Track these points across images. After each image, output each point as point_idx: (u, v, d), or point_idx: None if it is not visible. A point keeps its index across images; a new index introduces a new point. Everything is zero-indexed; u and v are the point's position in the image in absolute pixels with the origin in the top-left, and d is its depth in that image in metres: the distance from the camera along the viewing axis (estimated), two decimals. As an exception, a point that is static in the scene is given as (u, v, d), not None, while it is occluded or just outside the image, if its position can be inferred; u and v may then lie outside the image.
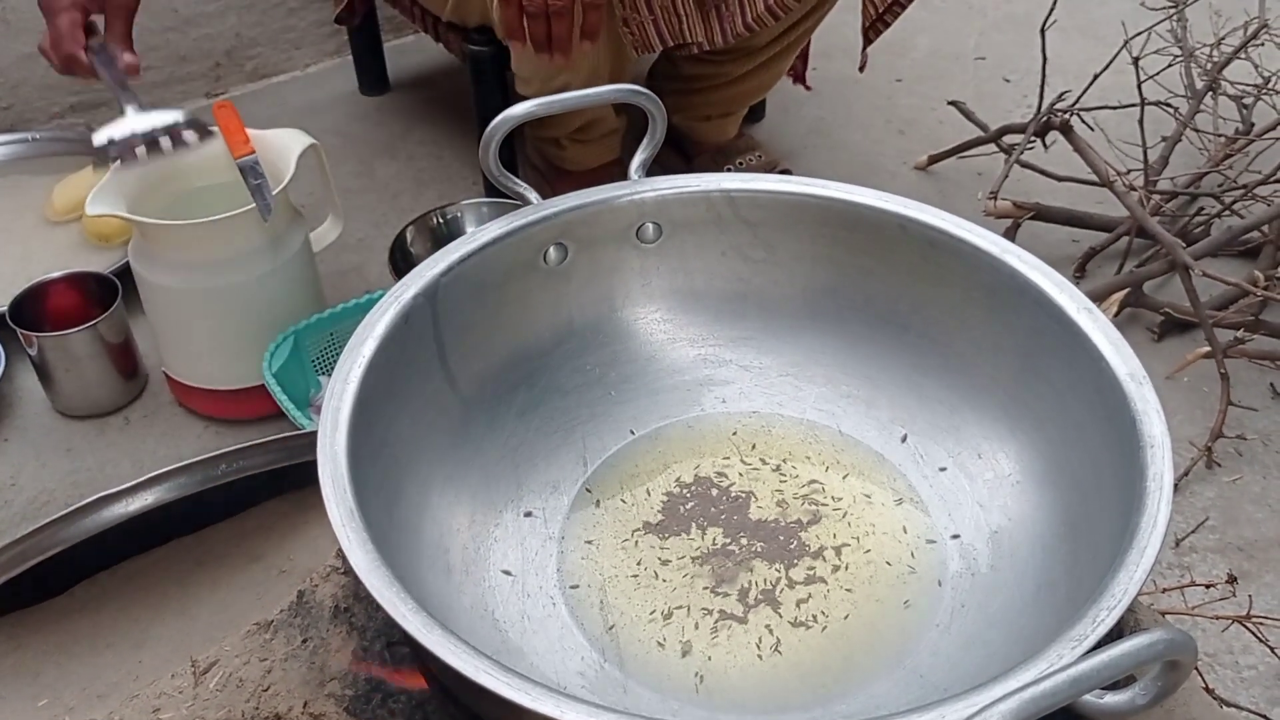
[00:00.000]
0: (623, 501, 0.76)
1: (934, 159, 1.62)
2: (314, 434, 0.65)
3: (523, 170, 1.52)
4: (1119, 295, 1.31)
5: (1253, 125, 1.54)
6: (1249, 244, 1.39)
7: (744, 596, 0.70)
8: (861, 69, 1.44)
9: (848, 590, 0.70)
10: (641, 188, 0.81)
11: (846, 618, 0.69)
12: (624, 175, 0.82)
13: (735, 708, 0.65)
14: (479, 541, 0.72)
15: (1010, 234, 1.40)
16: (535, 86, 1.25)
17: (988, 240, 0.75)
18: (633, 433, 0.81)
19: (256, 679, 0.67)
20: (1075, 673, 0.45)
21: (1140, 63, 1.47)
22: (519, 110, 0.76)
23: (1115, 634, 0.52)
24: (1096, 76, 1.46)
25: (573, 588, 0.71)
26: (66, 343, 1.18)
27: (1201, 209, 1.45)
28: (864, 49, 1.41)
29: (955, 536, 0.73)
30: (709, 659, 0.67)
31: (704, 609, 0.69)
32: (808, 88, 1.62)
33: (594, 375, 0.82)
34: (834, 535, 0.74)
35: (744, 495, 0.77)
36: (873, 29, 1.39)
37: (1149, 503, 0.58)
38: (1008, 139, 1.52)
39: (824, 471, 0.78)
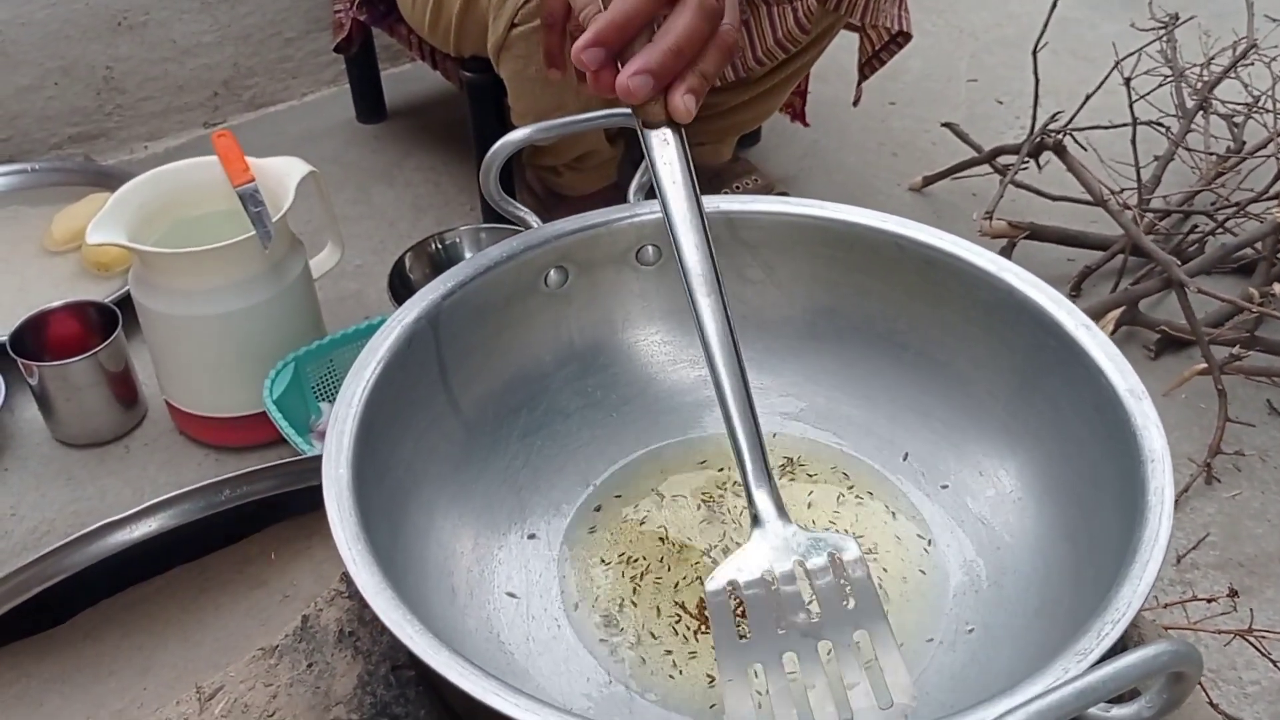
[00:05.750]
0: (626, 522, 0.76)
1: (928, 180, 1.63)
2: (317, 459, 0.65)
3: (520, 196, 1.53)
4: (1115, 313, 1.31)
5: (1244, 143, 1.56)
6: (1243, 261, 1.40)
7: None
8: (856, 103, 1.45)
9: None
10: (641, 210, 0.82)
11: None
12: (621, 200, 0.83)
13: (741, 727, 0.65)
14: (483, 564, 0.72)
15: (1006, 254, 1.41)
16: (530, 121, 1.25)
17: (985, 258, 0.76)
18: (635, 454, 0.81)
19: (262, 704, 0.67)
20: (1081, 685, 0.45)
21: (1131, 83, 1.49)
22: (518, 135, 0.77)
23: (1119, 648, 0.52)
24: (1088, 97, 1.47)
25: (577, 609, 0.71)
26: (67, 372, 1.18)
27: (1195, 227, 1.46)
28: (859, 84, 1.43)
29: (958, 553, 0.73)
30: (713, 677, 0.67)
31: (709, 629, 0.70)
32: (806, 124, 1.64)
33: (595, 397, 0.83)
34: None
35: (746, 516, 0.77)
36: (868, 65, 1.40)
37: (1150, 517, 0.59)
38: (1001, 160, 1.53)
39: (826, 491, 0.78)
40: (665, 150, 0.65)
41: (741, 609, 0.60)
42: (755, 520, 0.62)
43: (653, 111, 0.65)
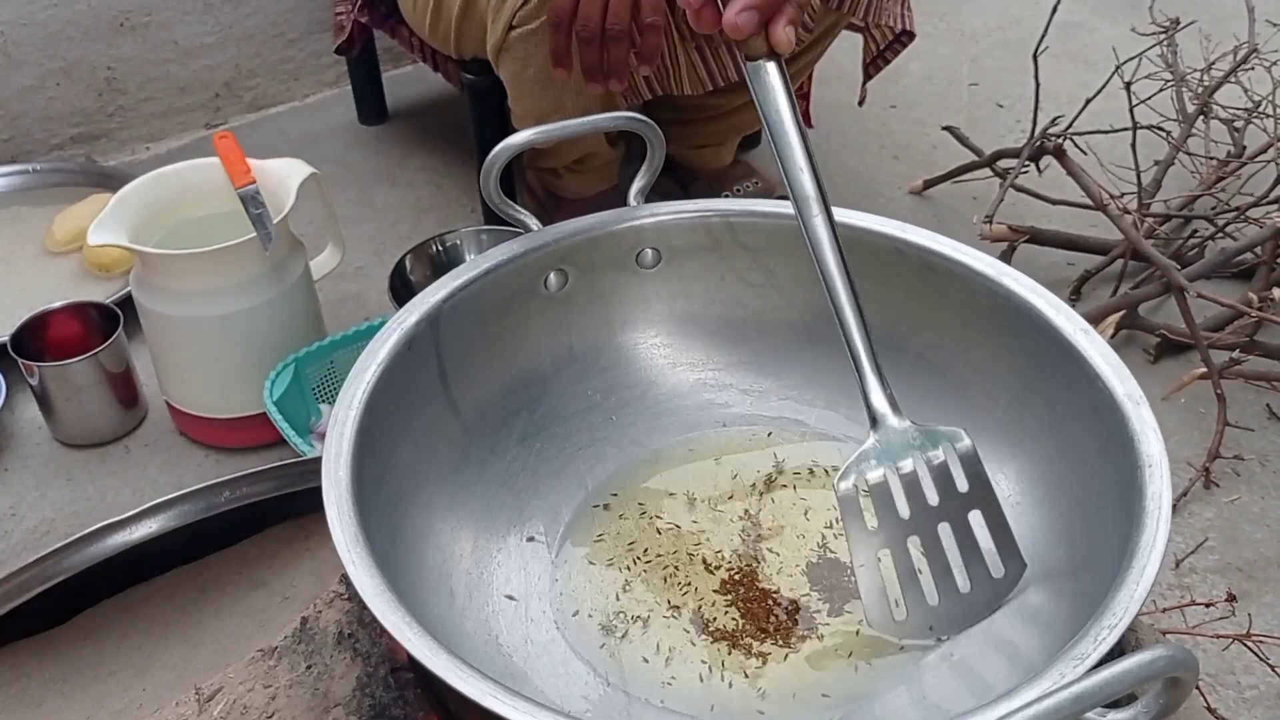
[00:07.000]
0: (624, 526, 0.77)
1: (929, 184, 1.63)
2: (317, 460, 0.65)
3: (521, 198, 1.53)
4: (1115, 317, 1.31)
5: (1244, 148, 1.55)
6: (1243, 265, 1.40)
7: (746, 615, 0.70)
8: (861, 103, 1.45)
9: (849, 612, 0.70)
10: (641, 214, 0.82)
11: (847, 637, 0.69)
12: (621, 202, 0.83)
13: (739, 730, 0.65)
14: (482, 566, 0.73)
15: (1006, 258, 1.41)
16: (530, 123, 1.26)
17: (984, 263, 0.76)
18: (634, 457, 0.81)
19: (261, 706, 0.67)
20: (1078, 690, 0.45)
21: (1132, 87, 1.49)
22: (519, 139, 0.77)
23: (1116, 653, 0.52)
24: (1089, 101, 1.47)
25: (575, 613, 0.71)
26: (67, 372, 1.19)
27: (1195, 231, 1.46)
28: (864, 84, 1.43)
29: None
30: (710, 675, 0.67)
31: (706, 631, 0.70)
32: (809, 125, 1.63)
33: (594, 400, 0.83)
34: (835, 555, 0.74)
35: (746, 518, 0.77)
36: (873, 65, 1.40)
37: (1148, 522, 0.59)
38: (1002, 163, 1.53)
39: (824, 497, 0.78)
40: (768, 79, 0.70)
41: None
42: (874, 421, 0.68)
43: (755, 45, 0.70)
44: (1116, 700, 0.48)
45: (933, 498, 0.67)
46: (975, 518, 0.67)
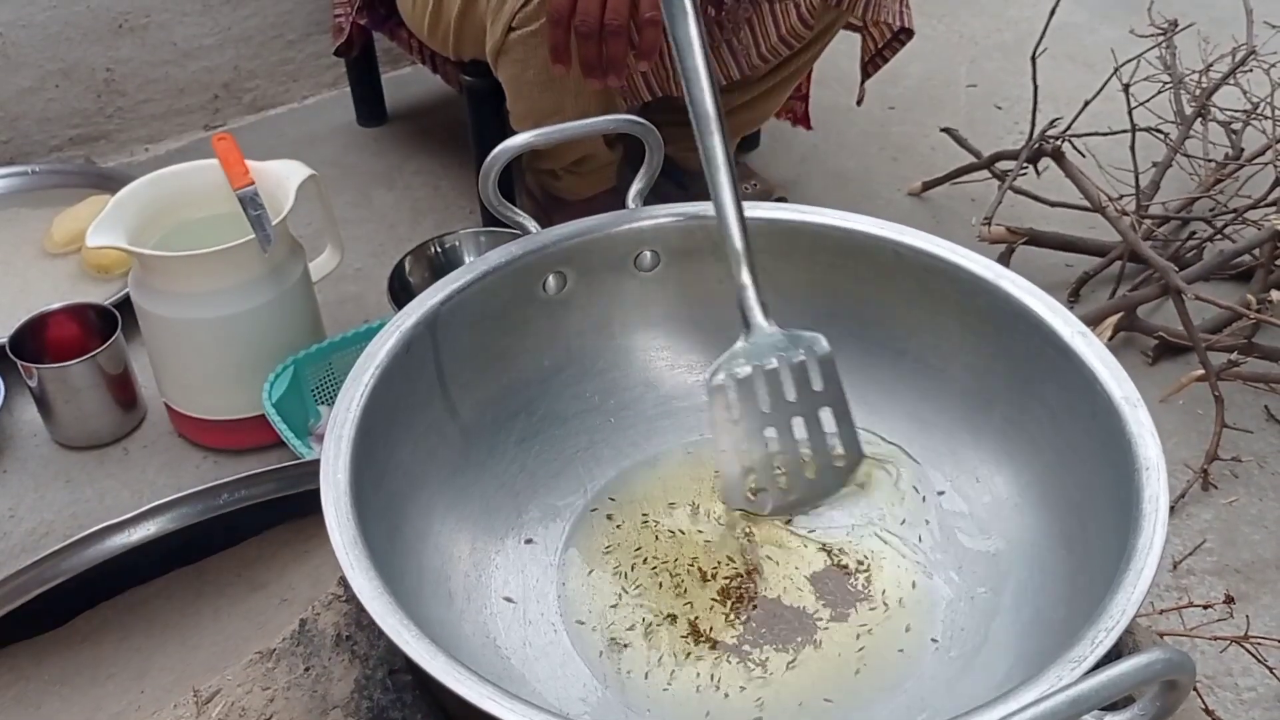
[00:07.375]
0: (623, 530, 0.77)
1: (927, 185, 1.63)
2: (315, 462, 0.65)
3: (520, 199, 1.53)
4: (1113, 319, 1.32)
5: (1242, 150, 1.56)
6: (1241, 267, 1.40)
7: (745, 622, 0.70)
8: (859, 103, 1.45)
9: (850, 618, 0.71)
10: (639, 216, 0.82)
11: (847, 643, 0.69)
12: (620, 203, 0.83)
13: (737, 733, 0.65)
14: (480, 569, 0.73)
15: (1004, 259, 1.41)
16: (529, 125, 1.26)
17: (982, 265, 0.76)
18: (632, 459, 0.81)
19: (259, 708, 0.67)
20: (1075, 693, 0.45)
21: (1130, 89, 1.49)
22: (517, 141, 0.77)
23: (1114, 655, 0.53)
24: (1087, 103, 1.48)
25: (576, 618, 0.71)
26: (66, 374, 1.19)
27: (1193, 233, 1.46)
28: (862, 83, 1.43)
29: (954, 559, 0.73)
30: (708, 684, 0.67)
31: (704, 634, 0.70)
32: (809, 127, 1.63)
33: (593, 403, 0.83)
34: (833, 561, 0.74)
35: (745, 523, 0.77)
36: (871, 64, 1.40)
37: (1145, 525, 0.59)
38: (1000, 165, 1.53)
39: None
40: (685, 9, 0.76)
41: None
42: (746, 324, 0.75)
43: None
44: (1114, 703, 0.48)
45: (790, 394, 0.74)
46: (825, 414, 0.75)
